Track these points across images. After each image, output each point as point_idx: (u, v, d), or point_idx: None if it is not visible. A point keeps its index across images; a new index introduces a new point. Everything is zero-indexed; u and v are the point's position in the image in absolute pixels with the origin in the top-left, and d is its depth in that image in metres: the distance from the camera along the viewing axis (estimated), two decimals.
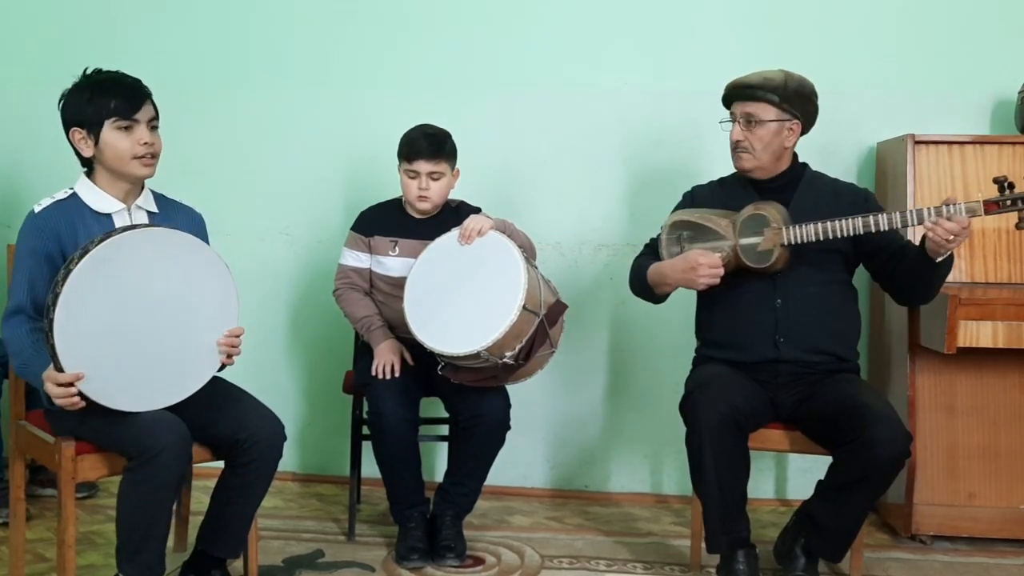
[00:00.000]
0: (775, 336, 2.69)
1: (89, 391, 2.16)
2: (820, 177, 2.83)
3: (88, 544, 2.92)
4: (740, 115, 2.72)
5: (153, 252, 2.23)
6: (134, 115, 2.35)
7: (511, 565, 2.87)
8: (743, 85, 2.72)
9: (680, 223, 2.80)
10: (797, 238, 2.61)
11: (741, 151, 2.73)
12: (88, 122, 2.34)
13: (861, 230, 2.57)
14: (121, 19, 3.72)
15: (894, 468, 2.49)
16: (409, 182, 2.98)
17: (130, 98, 2.36)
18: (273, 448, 2.40)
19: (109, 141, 2.34)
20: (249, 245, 3.65)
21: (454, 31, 3.60)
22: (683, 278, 2.71)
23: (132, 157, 2.35)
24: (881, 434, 2.43)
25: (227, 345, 2.34)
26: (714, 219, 2.74)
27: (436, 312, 2.77)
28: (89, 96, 2.34)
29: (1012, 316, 2.83)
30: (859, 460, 2.48)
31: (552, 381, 3.54)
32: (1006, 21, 3.40)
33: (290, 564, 2.84)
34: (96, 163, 2.38)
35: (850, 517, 2.58)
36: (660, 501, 3.54)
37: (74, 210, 2.36)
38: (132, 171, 2.37)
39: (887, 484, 2.53)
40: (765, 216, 2.64)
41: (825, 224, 2.58)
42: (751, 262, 2.67)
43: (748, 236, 2.67)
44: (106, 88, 2.35)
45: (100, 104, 2.33)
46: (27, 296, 2.28)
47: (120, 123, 2.34)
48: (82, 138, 2.36)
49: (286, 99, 3.67)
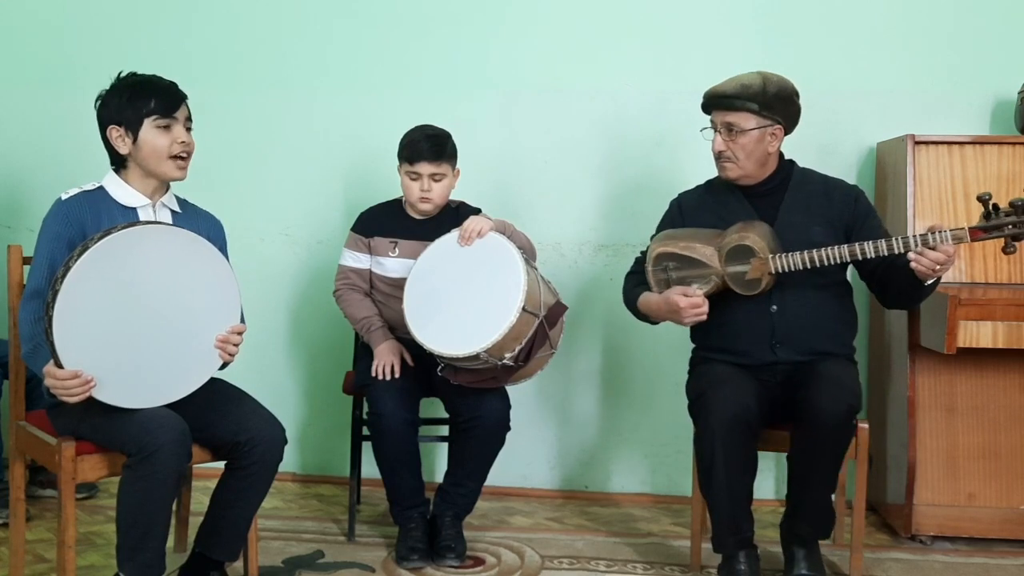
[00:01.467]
0: (771, 341, 2.69)
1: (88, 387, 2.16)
2: (810, 175, 2.81)
3: (88, 545, 2.92)
4: (720, 125, 2.69)
5: (155, 249, 2.23)
6: (173, 114, 2.41)
7: (511, 566, 2.87)
8: (720, 95, 2.69)
9: (664, 255, 2.75)
10: (784, 267, 2.60)
11: (724, 160, 2.71)
12: (127, 120, 2.39)
13: (848, 258, 2.57)
14: (121, 21, 3.72)
15: (840, 431, 2.52)
16: (411, 183, 2.98)
17: (169, 98, 2.43)
18: (273, 451, 2.39)
19: (147, 139, 2.39)
20: (249, 245, 3.65)
21: (454, 31, 3.60)
22: (669, 318, 2.73)
23: (168, 156, 2.41)
24: (823, 397, 2.47)
25: (224, 341, 2.34)
26: (698, 248, 2.70)
27: (436, 313, 2.77)
28: (129, 96, 2.40)
29: (1012, 316, 2.83)
30: (806, 429, 2.52)
31: (552, 382, 3.54)
32: (1006, 21, 3.40)
33: (290, 564, 2.84)
34: (131, 160, 2.42)
35: (816, 490, 2.60)
36: (660, 501, 3.54)
37: (100, 201, 2.39)
38: (166, 171, 2.42)
39: (840, 449, 2.55)
40: (751, 247, 2.61)
41: (811, 253, 2.57)
42: (740, 290, 2.65)
43: (735, 265, 2.64)
44: (145, 88, 2.42)
45: (140, 103, 2.39)
46: (46, 281, 2.28)
47: (159, 121, 2.39)
48: (120, 136, 2.39)
49: (286, 100, 3.67)
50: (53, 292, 2.09)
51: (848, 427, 2.54)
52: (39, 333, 2.22)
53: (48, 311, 2.09)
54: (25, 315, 2.31)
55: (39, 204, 3.69)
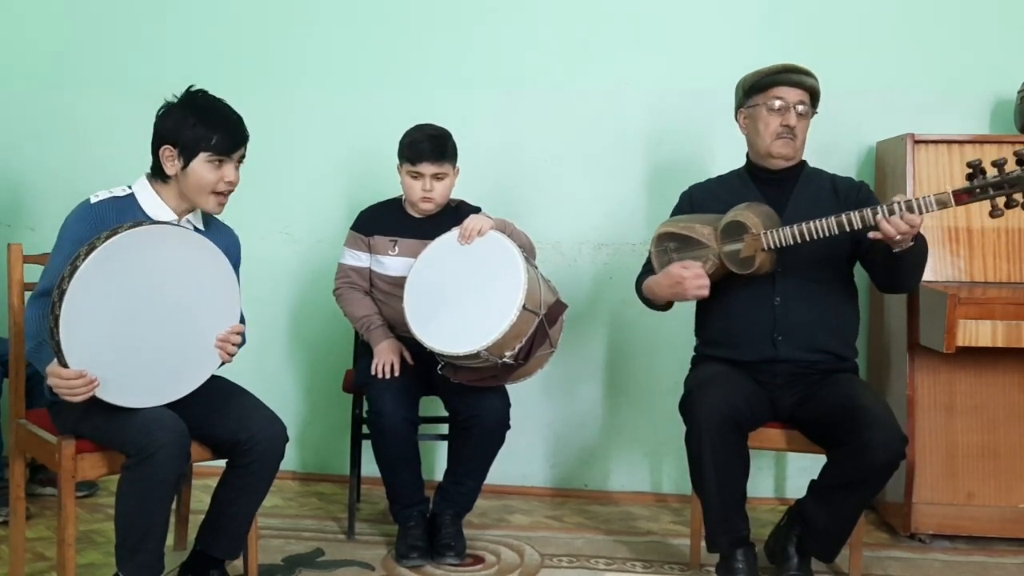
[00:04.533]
0: (773, 335, 2.69)
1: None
2: (818, 173, 2.83)
3: (88, 543, 2.93)
4: (796, 102, 2.70)
5: (158, 249, 2.23)
6: (231, 154, 2.37)
7: (511, 564, 2.87)
8: (806, 72, 2.72)
9: (665, 235, 2.78)
10: (775, 243, 2.59)
11: (789, 137, 2.71)
12: (183, 145, 2.34)
13: (836, 230, 2.54)
14: (122, 21, 3.73)
15: (888, 471, 2.49)
16: (412, 183, 2.98)
17: (233, 136, 2.38)
18: (274, 449, 2.39)
19: (197, 170, 2.35)
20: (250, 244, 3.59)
21: (454, 31, 3.60)
22: (673, 292, 2.72)
23: (212, 192, 2.37)
24: (877, 437, 2.43)
25: (224, 341, 2.34)
26: (697, 228, 2.72)
27: (436, 312, 2.77)
28: (194, 121, 2.34)
29: (1011, 315, 2.83)
30: (854, 462, 2.47)
31: (552, 380, 3.54)
32: (1006, 21, 3.40)
33: (290, 563, 2.84)
34: (173, 180, 2.38)
35: (843, 518, 2.58)
36: (659, 500, 3.54)
37: (128, 209, 2.35)
38: (205, 204, 2.40)
39: (881, 486, 2.53)
40: (743, 223, 2.62)
41: (801, 226, 2.56)
42: (736, 268, 2.66)
43: (729, 243, 2.65)
44: (212, 119, 2.36)
45: (202, 134, 2.33)
46: (55, 285, 2.27)
47: (214, 158, 2.35)
48: (171, 156, 2.35)
49: (287, 99, 3.67)
50: (60, 292, 2.09)
51: (895, 468, 2.51)
52: (45, 331, 2.21)
53: (54, 310, 2.09)
54: (33, 312, 2.29)
55: (39, 203, 3.73)
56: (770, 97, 2.70)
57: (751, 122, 2.76)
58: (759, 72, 2.74)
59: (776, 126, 2.70)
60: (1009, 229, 3.09)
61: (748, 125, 2.78)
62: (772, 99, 2.70)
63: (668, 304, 2.85)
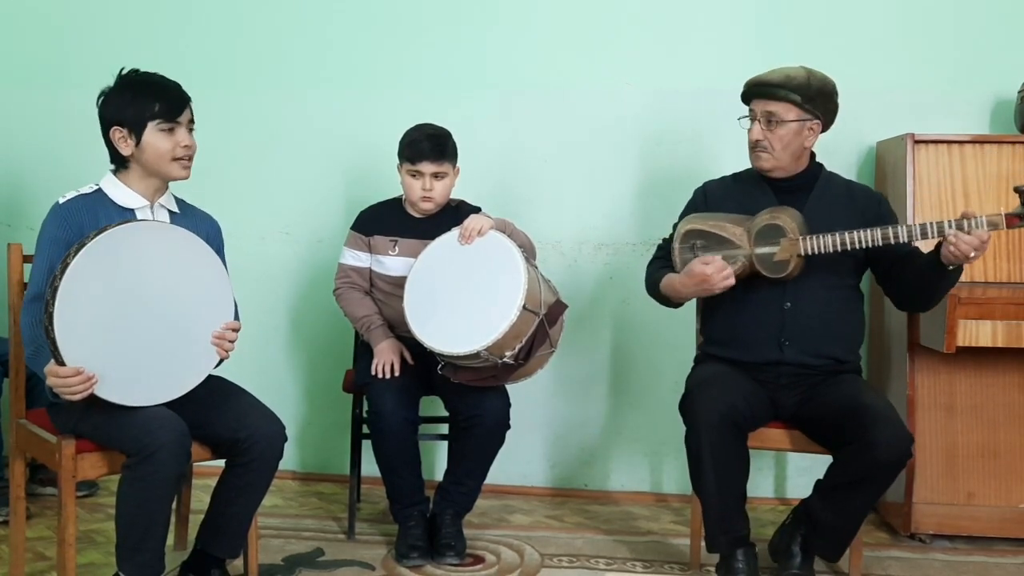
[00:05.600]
0: (780, 338, 2.68)
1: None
2: (835, 178, 2.80)
3: (88, 542, 2.93)
4: (761, 114, 2.67)
5: (150, 246, 2.24)
6: (177, 118, 2.39)
7: (511, 564, 2.87)
8: (765, 83, 2.67)
9: (693, 232, 2.75)
10: (815, 249, 2.57)
11: (760, 151, 2.69)
12: (130, 122, 2.36)
13: (880, 242, 2.54)
14: (121, 20, 3.73)
15: (896, 469, 2.49)
16: (412, 182, 2.98)
17: (173, 101, 2.40)
18: (273, 447, 2.40)
19: (151, 142, 2.37)
20: (250, 244, 3.65)
21: (454, 31, 3.60)
22: (700, 290, 2.68)
23: (172, 159, 2.39)
24: (883, 435, 2.43)
25: (220, 338, 2.34)
26: (728, 227, 2.69)
27: (436, 312, 2.77)
28: (132, 97, 2.37)
29: (1011, 315, 2.83)
30: (861, 461, 2.47)
31: (552, 380, 3.54)
32: (1006, 21, 3.40)
33: (290, 562, 2.84)
34: (132, 161, 2.40)
35: (850, 517, 2.58)
36: (660, 500, 3.54)
37: (98, 204, 2.38)
38: (171, 172, 2.42)
39: (887, 485, 2.53)
40: (781, 226, 2.60)
41: (843, 235, 2.55)
42: (767, 271, 2.64)
43: (764, 246, 2.63)
44: (149, 90, 2.39)
45: (144, 106, 2.37)
46: (47, 284, 2.28)
47: (163, 125, 2.37)
48: (122, 137, 2.38)
49: (287, 99, 3.67)
50: (52, 290, 2.10)
51: (903, 466, 2.52)
52: (40, 335, 2.21)
53: (48, 308, 2.10)
54: (27, 319, 2.30)
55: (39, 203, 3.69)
56: (747, 111, 2.71)
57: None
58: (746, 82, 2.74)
59: (751, 140, 2.71)
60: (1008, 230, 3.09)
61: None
62: (748, 113, 2.71)
63: (680, 304, 2.85)
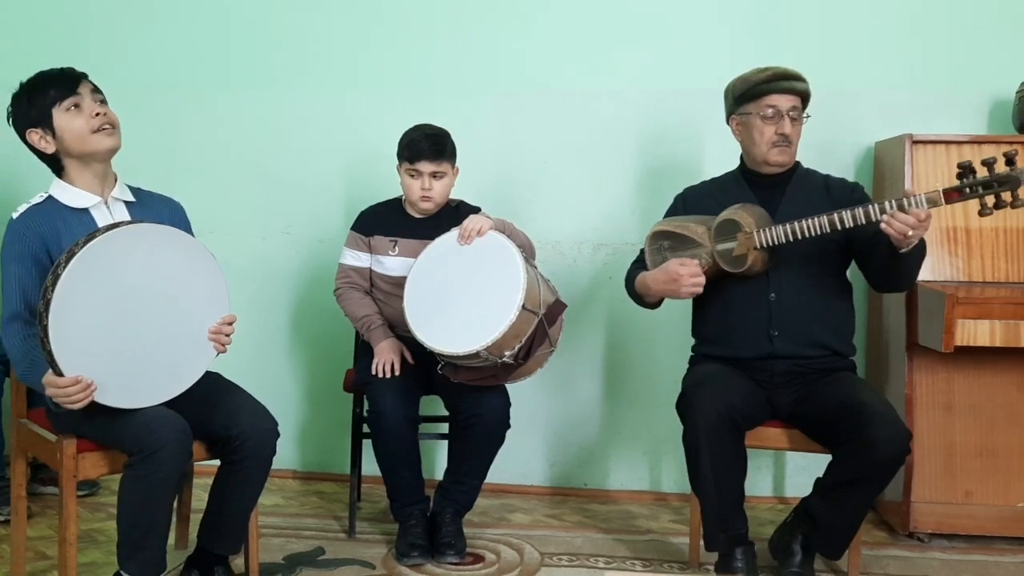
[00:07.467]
0: (769, 330, 2.70)
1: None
2: (812, 173, 2.84)
3: (89, 542, 2.93)
4: (788, 109, 2.70)
5: (138, 248, 2.23)
6: (75, 91, 2.36)
7: (511, 562, 2.88)
8: (798, 78, 2.72)
9: (660, 233, 2.81)
10: (768, 241, 2.61)
11: (785, 145, 2.72)
12: (37, 119, 2.35)
13: (827, 228, 2.56)
14: (120, 20, 3.73)
15: (894, 466, 2.50)
16: (411, 182, 2.99)
17: (65, 80, 2.37)
18: (265, 445, 2.40)
19: (63, 126, 2.35)
20: (250, 244, 3.66)
21: (454, 31, 3.61)
22: (666, 289, 2.73)
23: (91, 132, 2.36)
24: (881, 433, 2.44)
25: (217, 332, 2.35)
26: (691, 227, 2.75)
27: (436, 311, 2.78)
28: (28, 96, 2.37)
29: (1009, 315, 2.83)
30: (859, 459, 2.48)
31: (551, 380, 3.55)
32: (1005, 21, 3.41)
33: (291, 561, 2.85)
34: (62, 156, 2.38)
35: (850, 515, 2.59)
36: (659, 499, 3.55)
37: (53, 211, 2.35)
38: (96, 146, 2.37)
39: (887, 482, 2.54)
40: (737, 221, 2.64)
41: (794, 224, 2.59)
42: (728, 267, 2.68)
43: (722, 242, 2.68)
44: (40, 82, 2.38)
45: (40, 97, 2.35)
46: (21, 303, 2.28)
47: (66, 104, 2.35)
48: (40, 137, 2.36)
49: (287, 99, 3.68)
50: (45, 302, 2.08)
51: (902, 463, 2.52)
52: (32, 349, 2.21)
53: (42, 321, 2.09)
54: (10, 340, 2.28)
55: None
56: (763, 106, 2.71)
57: (745, 130, 2.77)
58: (749, 80, 2.74)
59: (771, 135, 2.71)
60: (1007, 229, 3.10)
61: (742, 132, 2.80)
62: (765, 107, 2.71)
63: (658, 302, 2.86)
